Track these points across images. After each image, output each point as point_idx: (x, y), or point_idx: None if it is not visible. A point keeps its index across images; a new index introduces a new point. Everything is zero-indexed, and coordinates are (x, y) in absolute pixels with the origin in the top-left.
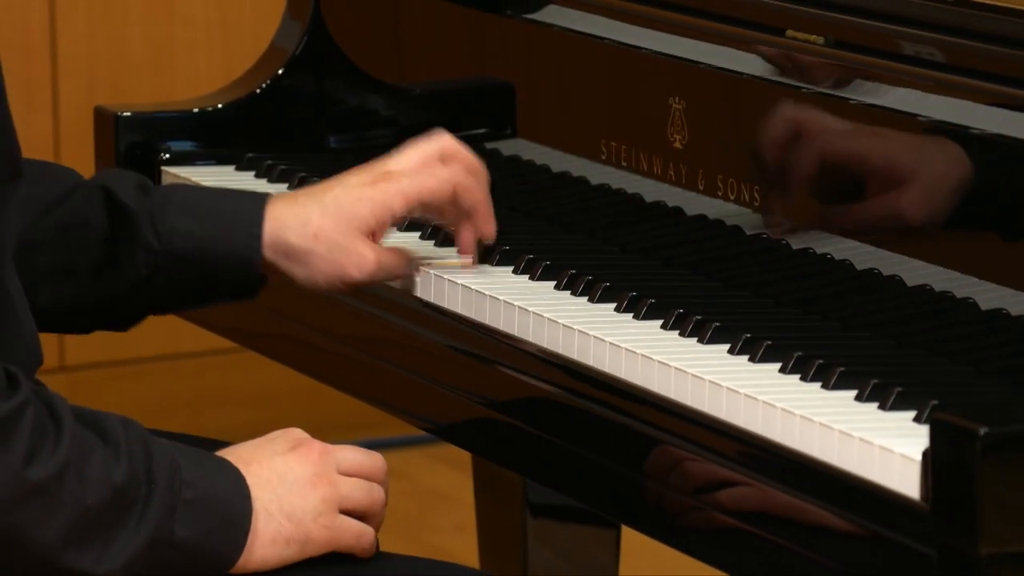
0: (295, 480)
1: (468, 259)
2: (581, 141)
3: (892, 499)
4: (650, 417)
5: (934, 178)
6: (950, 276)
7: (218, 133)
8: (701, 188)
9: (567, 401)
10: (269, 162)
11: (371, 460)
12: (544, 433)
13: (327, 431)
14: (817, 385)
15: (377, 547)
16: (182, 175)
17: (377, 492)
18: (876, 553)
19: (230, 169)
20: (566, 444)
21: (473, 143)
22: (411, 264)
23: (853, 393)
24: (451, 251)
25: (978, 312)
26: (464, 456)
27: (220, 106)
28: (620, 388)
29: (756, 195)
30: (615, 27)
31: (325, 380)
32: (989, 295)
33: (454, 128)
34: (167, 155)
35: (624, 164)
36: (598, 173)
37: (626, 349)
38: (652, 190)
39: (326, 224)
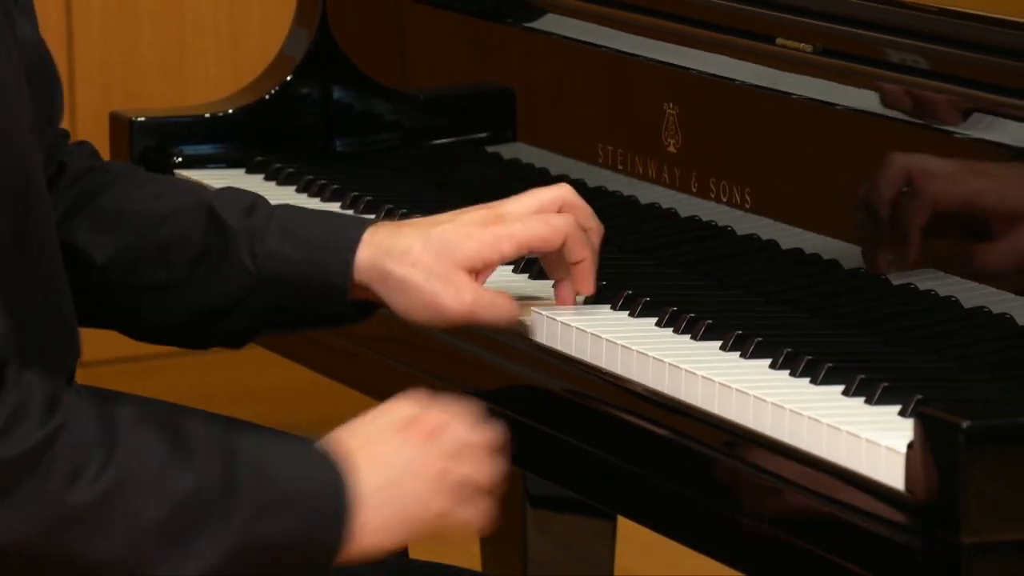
0: (404, 464)
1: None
2: (579, 145)
3: (878, 490)
4: (644, 412)
5: (918, 182)
6: (934, 275)
7: (229, 137)
8: (694, 190)
9: (563, 395)
10: (277, 165)
11: (481, 435)
12: (540, 425)
13: (335, 426)
14: (806, 380)
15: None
16: (194, 178)
17: (488, 466)
18: (862, 542)
19: (240, 172)
20: (561, 436)
21: (474, 147)
22: (510, 311)
23: (841, 388)
24: (546, 285)
25: (961, 310)
26: None
27: (231, 111)
28: (615, 384)
29: (747, 197)
30: (611, 35)
31: (332, 376)
32: (971, 294)
33: (456, 132)
34: (179, 158)
35: (620, 167)
36: (595, 176)
37: (622, 346)
38: (647, 192)
39: (427, 254)
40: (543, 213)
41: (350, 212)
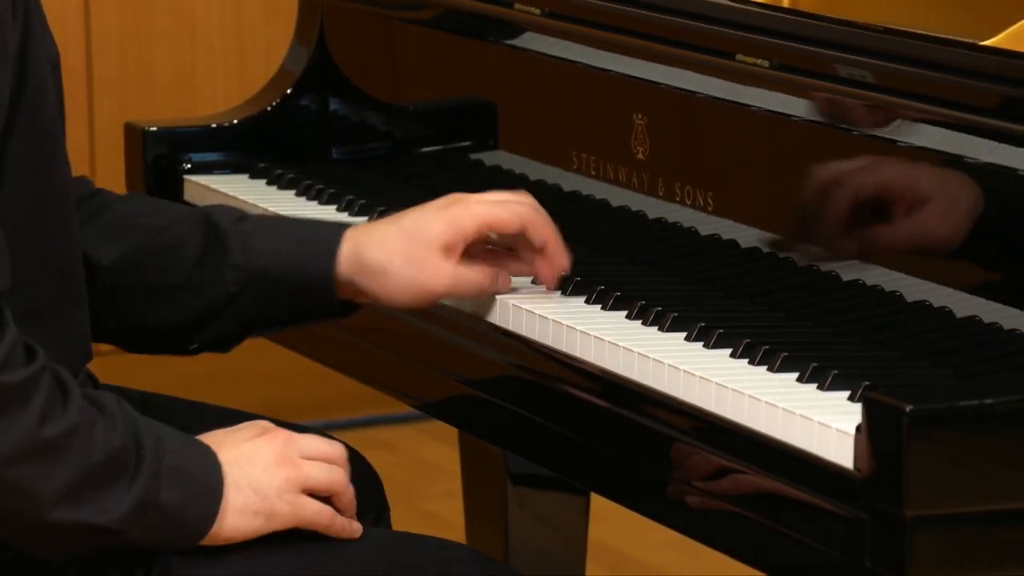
0: (261, 460)
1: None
2: (555, 153)
3: (829, 468)
4: (615, 397)
5: (862, 185)
6: (879, 273)
7: (234, 145)
8: (661, 194)
9: (541, 382)
10: (279, 171)
11: (331, 447)
12: (521, 410)
13: (330, 409)
14: (763, 368)
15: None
16: (202, 183)
17: (337, 473)
18: (814, 516)
19: (244, 177)
20: (541, 420)
21: (459, 155)
22: (492, 279)
23: (795, 375)
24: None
25: (904, 304)
26: (451, 431)
27: (236, 122)
28: (589, 371)
29: (710, 200)
30: (585, 52)
31: (329, 364)
32: (914, 290)
33: (443, 141)
34: (188, 165)
35: (593, 173)
36: (569, 181)
37: (595, 336)
38: (618, 196)
39: (401, 240)
40: (501, 199)
41: (345, 214)
